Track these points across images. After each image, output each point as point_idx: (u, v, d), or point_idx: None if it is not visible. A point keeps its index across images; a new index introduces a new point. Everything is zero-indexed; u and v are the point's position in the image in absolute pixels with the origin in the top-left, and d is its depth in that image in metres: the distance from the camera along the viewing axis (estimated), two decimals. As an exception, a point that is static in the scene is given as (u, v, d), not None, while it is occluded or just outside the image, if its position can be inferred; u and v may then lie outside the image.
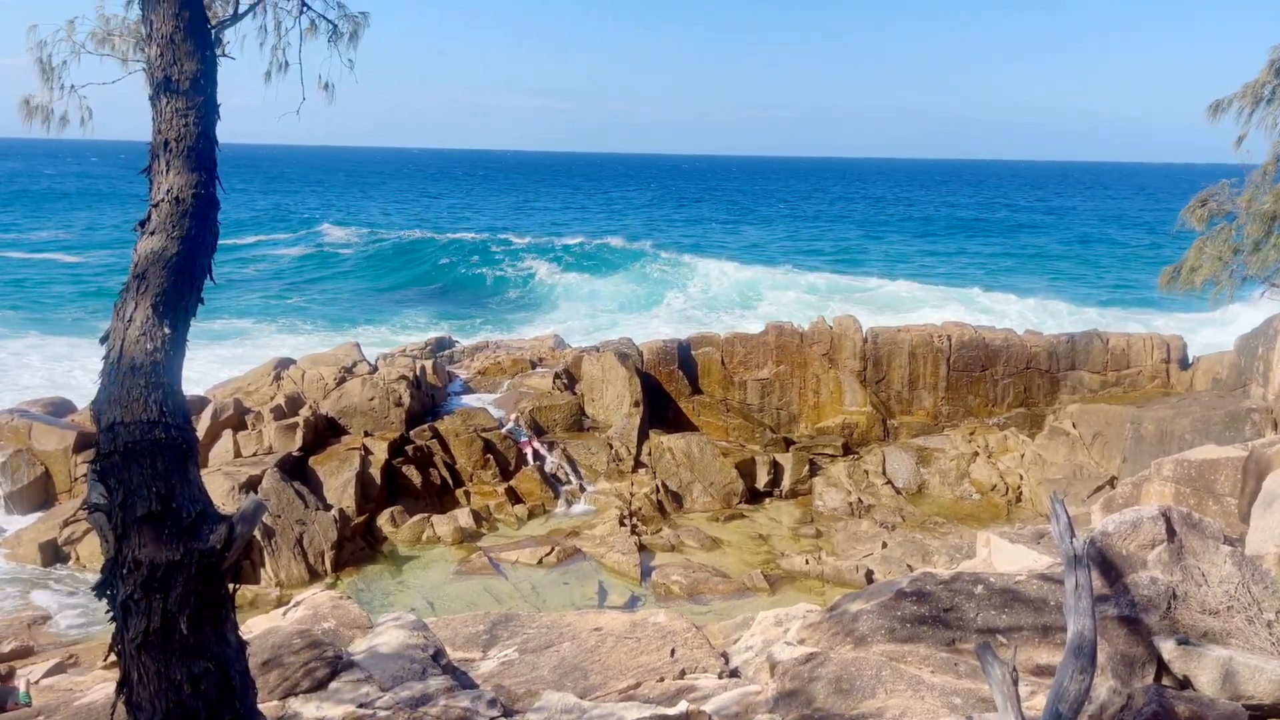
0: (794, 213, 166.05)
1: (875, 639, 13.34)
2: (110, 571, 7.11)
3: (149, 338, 7.33)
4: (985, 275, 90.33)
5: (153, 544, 6.97)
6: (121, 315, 7.49)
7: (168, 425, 7.17)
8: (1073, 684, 8.76)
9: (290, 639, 14.03)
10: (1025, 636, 12.90)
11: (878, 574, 27.61)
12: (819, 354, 38.98)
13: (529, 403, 36.86)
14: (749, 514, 33.45)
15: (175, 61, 7.94)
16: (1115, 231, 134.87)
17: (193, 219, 7.82)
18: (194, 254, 7.81)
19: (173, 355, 7.44)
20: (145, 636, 6.93)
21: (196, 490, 7.26)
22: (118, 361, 7.32)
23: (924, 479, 35.36)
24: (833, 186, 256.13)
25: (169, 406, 7.23)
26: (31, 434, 32.53)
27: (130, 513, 7.00)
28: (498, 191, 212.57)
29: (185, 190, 7.83)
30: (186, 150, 7.89)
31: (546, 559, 28.95)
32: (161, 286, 7.52)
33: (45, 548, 28.93)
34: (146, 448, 7.07)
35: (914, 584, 14.36)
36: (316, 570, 28.23)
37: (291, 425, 32.20)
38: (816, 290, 76.02)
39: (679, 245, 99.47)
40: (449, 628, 17.35)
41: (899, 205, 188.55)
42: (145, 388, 7.17)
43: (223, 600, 7.26)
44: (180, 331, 7.60)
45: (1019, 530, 20.44)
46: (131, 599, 6.98)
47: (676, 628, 15.99)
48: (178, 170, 7.86)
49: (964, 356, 38.59)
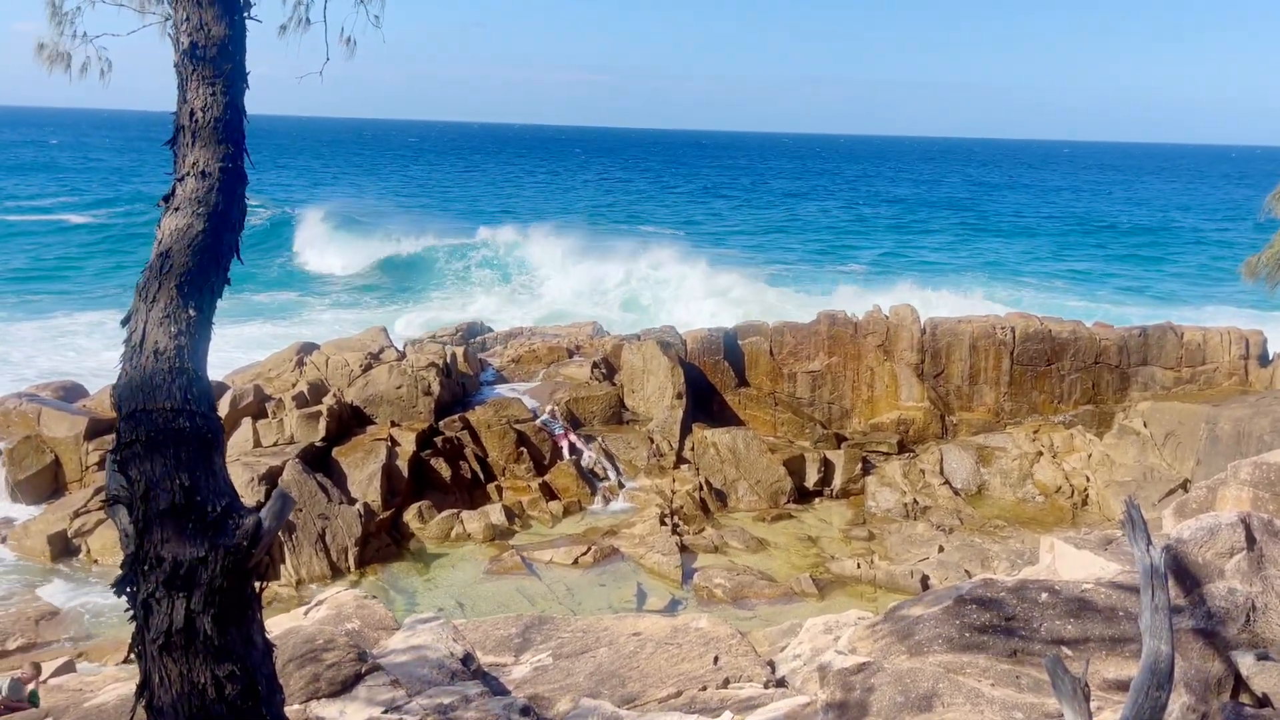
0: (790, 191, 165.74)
1: (932, 648, 13.25)
2: (131, 568, 7.11)
3: (173, 320, 7.33)
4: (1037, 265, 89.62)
5: (176, 539, 6.97)
6: (144, 296, 7.48)
7: (192, 414, 7.17)
8: (1148, 703, 8.67)
9: (312, 640, 14.06)
10: (1093, 648, 12.79)
11: (934, 580, 27.51)
12: (873, 345, 38.82)
13: (565, 393, 36.88)
14: (797, 514, 33.38)
15: (202, 25, 7.93)
16: (1192, 218, 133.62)
17: (219, 195, 7.81)
18: (220, 232, 7.80)
19: (197, 339, 7.43)
20: (167, 637, 6.93)
21: (222, 483, 7.26)
22: (140, 345, 7.31)
23: (984, 479, 35.19)
24: (875, 166, 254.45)
25: (193, 394, 7.23)
26: (41, 419, 32.70)
27: (152, 506, 7.00)
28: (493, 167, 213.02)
29: (212, 164, 7.82)
30: (213, 121, 7.88)
31: (582, 559, 28.96)
32: (186, 266, 7.51)
33: (54, 540, 29.06)
34: (170, 437, 7.06)
35: (974, 591, 14.27)
36: (339, 567, 28.33)
37: (314, 414, 32.30)
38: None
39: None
40: (479, 630, 17.35)
41: (944, 187, 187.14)
42: (169, 373, 7.16)
43: (249, 600, 7.26)
44: (206, 314, 7.60)
45: (1085, 535, 20.27)
46: (153, 597, 6.98)
47: (720, 634, 15.95)
48: (204, 143, 7.85)
49: (1028, 349, 38.34)
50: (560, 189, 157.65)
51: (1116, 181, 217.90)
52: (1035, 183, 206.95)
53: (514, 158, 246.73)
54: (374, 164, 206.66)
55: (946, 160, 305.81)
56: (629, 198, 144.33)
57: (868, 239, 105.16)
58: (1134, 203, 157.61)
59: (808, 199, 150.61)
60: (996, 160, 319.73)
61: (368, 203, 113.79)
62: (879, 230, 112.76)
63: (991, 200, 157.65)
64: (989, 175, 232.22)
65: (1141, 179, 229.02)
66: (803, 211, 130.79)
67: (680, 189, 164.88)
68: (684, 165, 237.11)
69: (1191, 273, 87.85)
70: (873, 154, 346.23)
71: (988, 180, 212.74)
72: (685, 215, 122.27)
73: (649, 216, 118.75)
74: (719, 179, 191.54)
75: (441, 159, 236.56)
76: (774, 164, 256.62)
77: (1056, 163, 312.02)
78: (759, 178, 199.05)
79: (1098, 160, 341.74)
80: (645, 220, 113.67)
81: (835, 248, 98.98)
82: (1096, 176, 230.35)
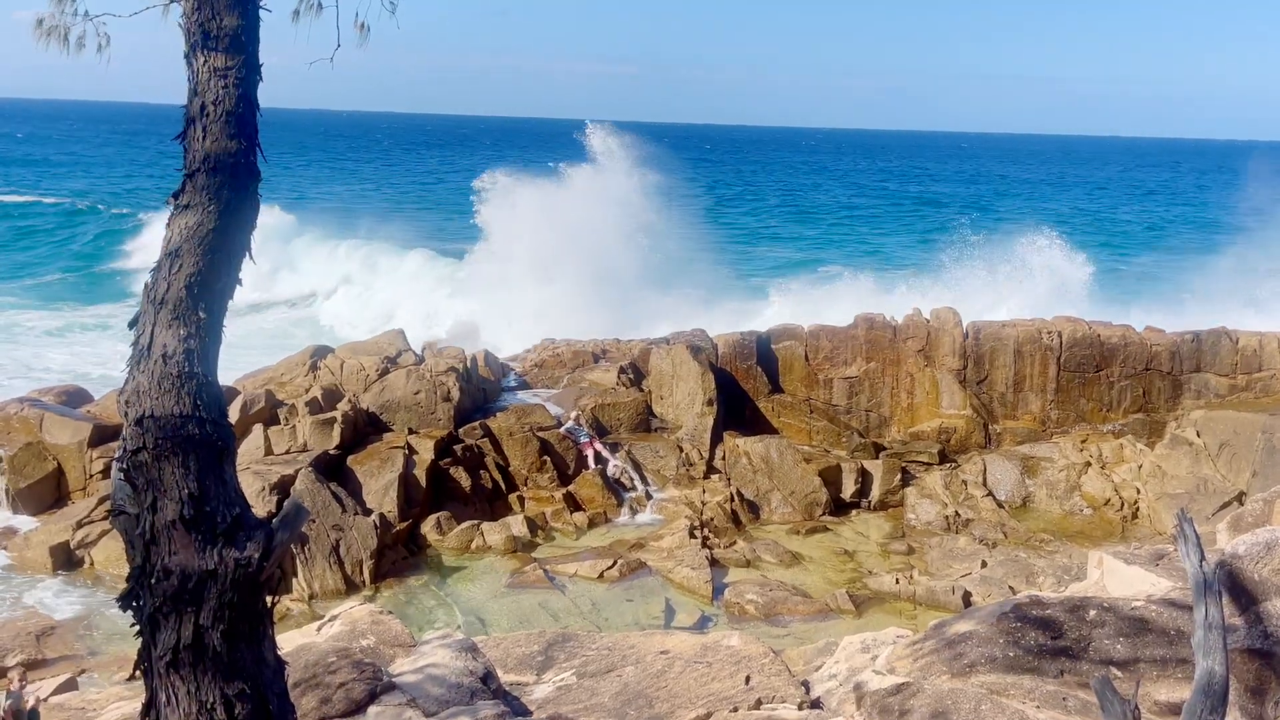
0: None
1: (974, 668, 13.22)
2: (137, 581, 7.12)
3: (182, 322, 7.35)
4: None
5: (184, 551, 6.98)
6: (152, 297, 7.50)
7: (202, 420, 7.18)
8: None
9: (325, 657, 14.10)
10: (1144, 669, 12.75)
11: (976, 596, 27.40)
12: (914, 350, 38.70)
13: (590, 399, 36.88)
14: (833, 527, 33.30)
15: (214, 15, 7.95)
16: (1246, 218, 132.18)
17: (231, 191, 7.82)
18: (232, 230, 7.81)
19: (208, 342, 7.45)
20: (175, 653, 6.94)
21: (233, 493, 7.27)
22: (148, 348, 7.33)
23: (1029, 491, 35.05)
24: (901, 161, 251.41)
25: (204, 399, 7.24)
26: (43, 426, 32.75)
27: (160, 516, 7.02)
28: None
29: (223, 159, 7.83)
30: (225, 115, 7.89)
31: (608, 573, 28.94)
32: (196, 266, 7.53)
33: (56, 551, 29.12)
34: (179, 445, 7.08)
35: (1018, 608, 14.24)
36: (354, 581, 28.35)
37: (328, 420, 32.37)
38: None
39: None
40: (500, 647, 17.38)
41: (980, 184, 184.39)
42: (178, 378, 7.18)
43: (260, 615, 7.26)
44: (216, 316, 7.61)
45: (1135, 550, 20.18)
46: (160, 612, 7.00)
47: (752, 652, 15.94)
48: (215, 137, 7.86)
49: (1076, 355, 38.18)
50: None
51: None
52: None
53: (536, 153, 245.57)
54: (366, 158, 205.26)
55: (1027, 159, 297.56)
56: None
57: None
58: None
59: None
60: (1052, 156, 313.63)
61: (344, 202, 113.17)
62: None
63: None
64: (1090, 174, 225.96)
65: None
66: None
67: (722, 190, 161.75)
68: (720, 164, 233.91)
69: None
70: (930, 150, 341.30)
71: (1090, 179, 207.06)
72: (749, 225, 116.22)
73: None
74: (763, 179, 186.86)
75: (452, 153, 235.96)
76: (817, 160, 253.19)
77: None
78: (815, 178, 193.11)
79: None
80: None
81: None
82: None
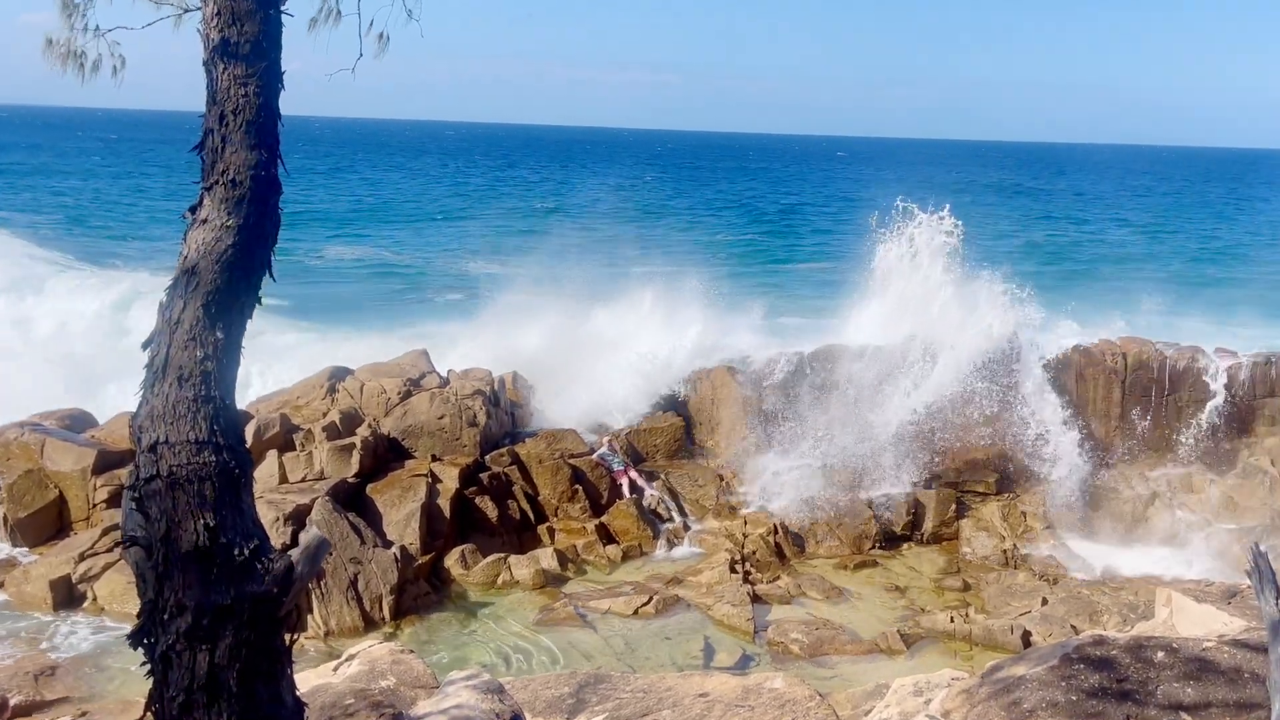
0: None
1: (1034, 714, 13.16)
2: (149, 617, 7.15)
3: (199, 343, 7.38)
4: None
5: (199, 585, 7.00)
6: (167, 316, 7.54)
7: (219, 446, 7.21)
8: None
9: (343, 699, 14.10)
10: (1216, 714, 12.68)
11: (1036, 636, 27.30)
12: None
13: (625, 425, 36.89)
14: (883, 561, 33.20)
15: (234, 21, 8.00)
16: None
17: (251, 205, 7.86)
18: (252, 246, 7.85)
19: (225, 364, 7.48)
20: (189, 694, 6.97)
21: (251, 523, 7.30)
22: (163, 370, 7.37)
23: (1093, 523, 34.89)
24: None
25: (220, 424, 7.27)
26: (44, 451, 32.75)
27: (173, 548, 7.04)
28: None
29: (243, 172, 7.88)
30: (245, 125, 7.94)
31: (643, 609, 28.90)
32: (214, 284, 7.57)
33: (57, 586, 28.92)
34: (194, 472, 7.11)
35: (1081, 649, 14.18)
36: (373, 618, 28.33)
37: (347, 446, 32.42)
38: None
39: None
40: (528, 689, 17.34)
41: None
42: (194, 401, 7.21)
43: (278, 653, 7.28)
44: (234, 336, 7.64)
45: (1206, 587, 20.12)
46: (173, 650, 7.02)
47: (797, 695, 15.87)
48: (235, 148, 7.91)
49: (1141, 379, 38.00)
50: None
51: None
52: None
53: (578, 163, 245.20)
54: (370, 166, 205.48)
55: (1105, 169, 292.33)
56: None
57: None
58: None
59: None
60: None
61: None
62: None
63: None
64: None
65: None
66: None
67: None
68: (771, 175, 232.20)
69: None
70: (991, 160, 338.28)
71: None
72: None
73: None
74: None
75: (474, 162, 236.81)
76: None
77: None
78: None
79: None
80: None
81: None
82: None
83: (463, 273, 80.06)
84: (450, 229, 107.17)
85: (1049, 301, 45.94)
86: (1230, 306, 72.35)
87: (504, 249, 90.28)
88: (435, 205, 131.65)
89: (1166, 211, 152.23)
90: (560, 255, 77.20)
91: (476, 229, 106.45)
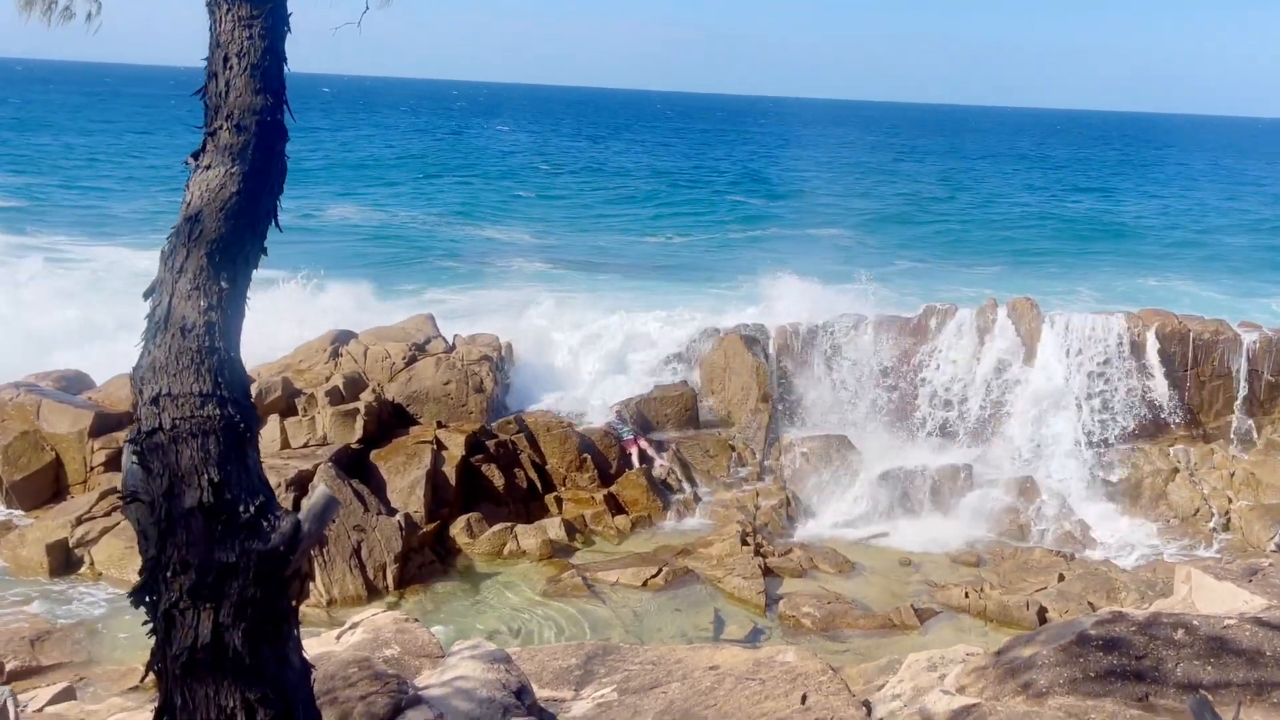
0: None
1: (1051, 690, 13.14)
2: (151, 575, 7.07)
3: (203, 293, 7.29)
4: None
5: (203, 542, 6.92)
6: (170, 265, 7.45)
7: (223, 399, 7.13)
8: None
9: (345, 668, 14.05)
10: (1235, 693, 12.62)
11: (1053, 612, 27.25)
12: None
13: (635, 394, 36.86)
14: (897, 535, 33.16)
15: None
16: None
17: (257, 151, 7.77)
18: (257, 193, 7.75)
19: (230, 315, 7.39)
20: (192, 654, 6.89)
21: (256, 480, 7.21)
22: (165, 320, 7.28)
23: (1111, 498, 34.85)
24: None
25: (225, 377, 7.19)
26: (40, 413, 32.62)
27: (176, 504, 6.96)
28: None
29: (248, 116, 7.78)
30: (250, 68, 7.84)
31: (652, 581, 28.87)
32: (218, 232, 7.47)
33: (54, 550, 28.96)
34: (198, 426, 7.02)
35: (1099, 626, 14.14)
36: (376, 586, 28.33)
37: (350, 412, 32.40)
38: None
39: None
40: (535, 660, 17.33)
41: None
42: (197, 353, 7.13)
43: (284, 614, 7.21)
44: (240, 286, 7.56)
45: (1227, 564, 20.09)
46: (176, 608, 6.95)
47: (808, 669, 15.83)
48: (239, 92, 7.81)
49: (1164, 352, 37.86)
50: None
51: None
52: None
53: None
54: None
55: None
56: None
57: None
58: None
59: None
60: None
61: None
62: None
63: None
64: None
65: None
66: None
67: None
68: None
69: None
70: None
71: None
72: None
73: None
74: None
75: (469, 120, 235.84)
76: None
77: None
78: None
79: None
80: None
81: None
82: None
83: (467, 236, 79.94)
84: (457, 190, 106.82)
85: (1068, 272, 45.97)
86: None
87: (511, 212, 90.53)
88: (440, 164, 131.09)
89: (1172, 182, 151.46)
90: (569, 220, 77.21)
91: (484, 191, 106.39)
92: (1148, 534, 33.42)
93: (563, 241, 78.74)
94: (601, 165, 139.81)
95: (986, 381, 38.14)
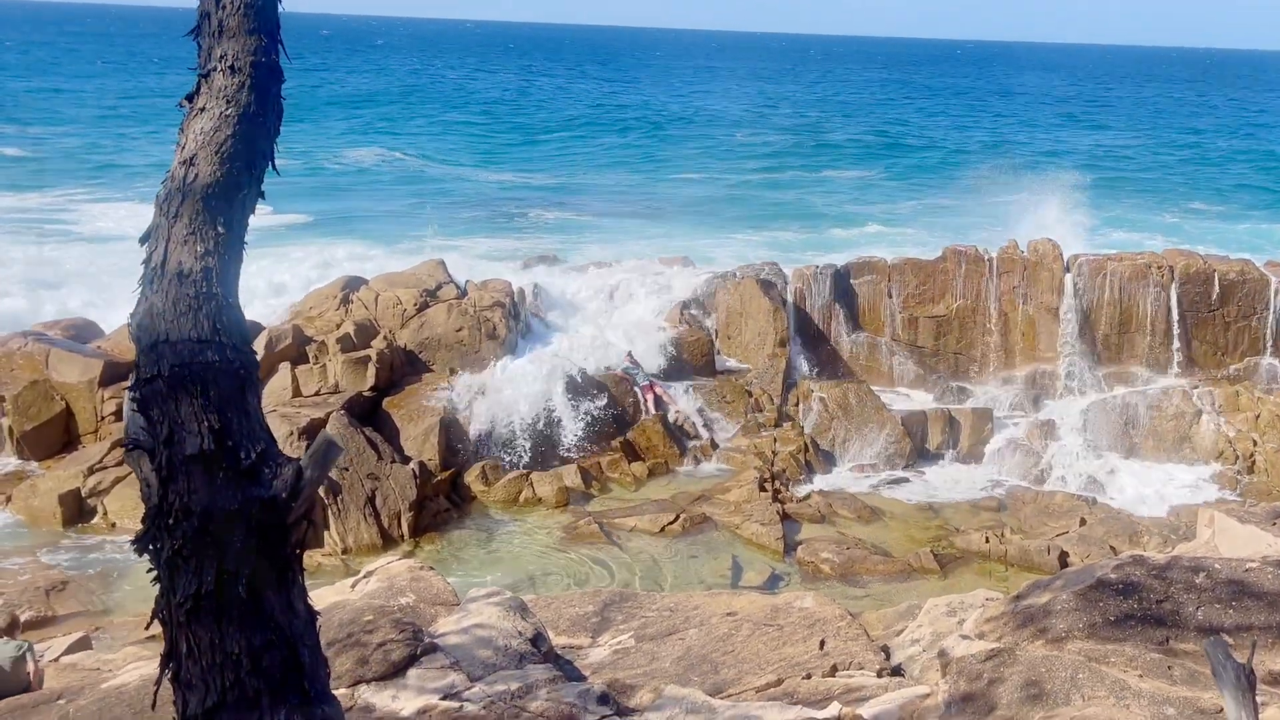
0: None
1: (1071, 635, 13.12)
2: (153, 522, 7.07)
3: (199, 238, 7.26)
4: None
5: (205, 489, 6.92)
6: (165, 210, 7.42)
7: (222, 345, 7.11)
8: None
9: (360, 616, 14.13)
10: (1257, 636, 12.61)
11: (1074, 556, 27.31)
12: (1009, 287, 38.38)
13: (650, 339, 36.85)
14: (916, 480, 33.20)
15: None
16: None
17: (252, 93, 7.73)
18: (253, 137, 7.71)
19: (228, 260, 7.36)
20: (196, 601, 6.91)
21: (257, 426, 7.20)
22: (161, 267, 7.25)
23: (1134, 442, 34.82)
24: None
25: (223, 322, 7.17)
26: (49, 362, 32.71)
27: (177, 451, 6.96)
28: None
29: (242, 57, 7.72)
30: (244, 7, 7.79)
31: (669, 527, 28.97)
32: (214, 176, 7.43)
33: (66, 500, 29.14)
34: (197, 372, 7.01)
35: (1119, 570, 14.12)
36: (391, 535, 28.45)
37: (362, 359, 32.41)
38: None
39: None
40: (551, 608, 17.40)
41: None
42: (195, 299, 7.10)
43: (288, 560, 7.21)
44: (237, 231, 7.52)
45: (1251, 508, 20.07)
46: (180, 555, 6.95)
47: (827, 615, 15.88)
48: (233, 32, 7.75)
49: (1189, 292, 37.72)
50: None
51: None
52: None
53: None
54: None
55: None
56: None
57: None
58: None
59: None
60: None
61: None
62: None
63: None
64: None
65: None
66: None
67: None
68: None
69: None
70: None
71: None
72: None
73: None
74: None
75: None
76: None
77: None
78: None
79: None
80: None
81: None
82: None
83: (484, 180, 79.96)
84: (472, 134, 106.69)
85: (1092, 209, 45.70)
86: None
87: (533, 158, 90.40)
88: (453, 107, 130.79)
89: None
90: (591, 166, 76.94)
91: (503, 133, 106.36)
92: (1171, 477, 33.41)
93: (581, 184, 78.80)
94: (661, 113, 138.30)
95: (1007, 323, 38.10)
